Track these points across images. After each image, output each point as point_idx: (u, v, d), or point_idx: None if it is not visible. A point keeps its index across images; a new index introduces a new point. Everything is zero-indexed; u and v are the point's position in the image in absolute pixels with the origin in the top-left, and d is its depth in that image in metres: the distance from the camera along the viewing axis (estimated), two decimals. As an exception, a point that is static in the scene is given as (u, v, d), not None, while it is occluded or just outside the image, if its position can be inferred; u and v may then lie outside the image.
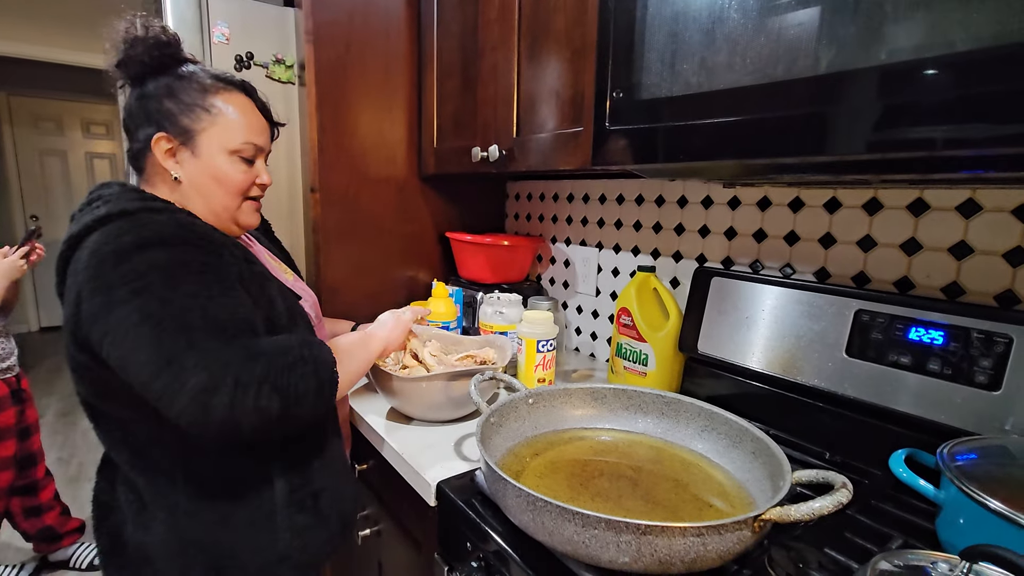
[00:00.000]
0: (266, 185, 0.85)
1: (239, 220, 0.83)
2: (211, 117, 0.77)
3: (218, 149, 0.77)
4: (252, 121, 0.80)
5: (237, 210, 0.82)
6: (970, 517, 0.55)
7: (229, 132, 0.78)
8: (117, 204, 0.70)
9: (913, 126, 0.48)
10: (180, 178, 0.77)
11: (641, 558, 0.51)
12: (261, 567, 0.73)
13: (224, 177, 0.78)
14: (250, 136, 0.79)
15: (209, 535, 0.72)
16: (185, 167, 0.77)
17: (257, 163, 0.82)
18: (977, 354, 0.69)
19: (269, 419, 0.64)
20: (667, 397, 0.83)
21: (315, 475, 0.78)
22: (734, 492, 0.69)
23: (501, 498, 0.61)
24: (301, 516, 0.76)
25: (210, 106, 0.77)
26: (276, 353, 0.67)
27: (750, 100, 0.60)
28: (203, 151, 0.77)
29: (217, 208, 0.80)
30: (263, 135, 0.83)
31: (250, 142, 0.79)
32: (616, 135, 0.78)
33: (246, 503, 0.73)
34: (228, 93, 0.79)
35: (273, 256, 0.97)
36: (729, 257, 1.08)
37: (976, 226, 0.76)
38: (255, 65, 1.34)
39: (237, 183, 0.80)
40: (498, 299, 1.22)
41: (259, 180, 0.83)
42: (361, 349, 0.83)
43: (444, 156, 1.35)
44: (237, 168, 0.79)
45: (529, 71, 1.05)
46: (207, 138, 0.77)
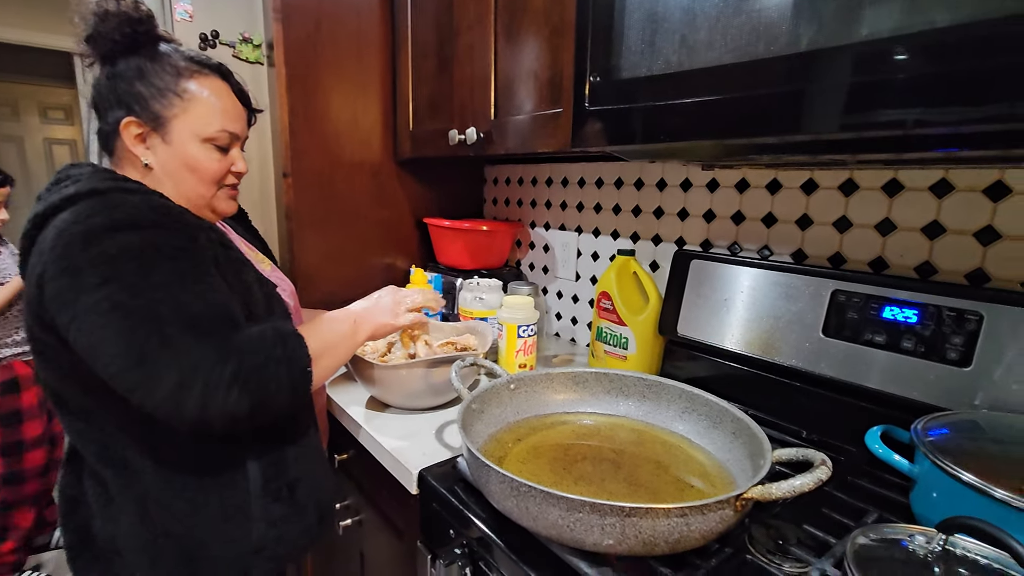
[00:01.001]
0: (242, 173, 0.81)
1: (215, 208, 0.80)
2: (184, 103, 0.73)
3: (191, 136, 0.74)
4: (227, 107, 0.77)
5: (212, 198, 0.79)
6: (944, 490, 0.56)
7: (203, 119, 0.74)
8: (87, 183, 0.66)
9: (890, 104, 0.48)
10: (151, 164, 0.74)
11: (625, 540, 0.51)
12: (235, 558, 0.72)
13: (197, 165, 0.75)
14: (225, 123, 0.76)
15: (180, 526, 0.70)
16: (156, 153, 0.74)
17: (233, 151, 0.79)
18: (949, 331, 0.71)
19: (239, 418, 0.64)
20: (648, 380, 0.83)
21: (290, 465, 0.76)
22: (715, 472, 0.70)
23: (484, 484, 0.61)
24: (277, 506, 0.74)
25: (183, 91, 0.73)
26: (249, 351, 0.65)
27: (730, 79, 0.60)
28: (175, 138, 0.74)
29: (190, 195, 0.76)
30: (239, 122, 0.79)
31: (225, 130, 0.76)
32: (595, 116, 0.76)
33: (218, 493, 0.71)
34: (203, 77, 0.75)
35: (250, 245, 0.94)
36: (708, 240, 1.08)
37: (948, 206, 0.77)
38: (221, 44, 1.28)
39: (211, 172, 0.76)
40: (478, 285, 1.20)
41: (235, 168, 0.80)
42: (346, 340, 0.78)
43: (420, 139, 1.32)
44: (211, 156, 0.76)
45: (507, 51, 1.03)
46: (179, 125, 0.73)
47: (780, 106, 0.56)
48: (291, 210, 1.31)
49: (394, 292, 0.87)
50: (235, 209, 0.84)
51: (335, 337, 0.77)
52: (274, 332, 0.69)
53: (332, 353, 0.76)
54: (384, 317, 0.83)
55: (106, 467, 0.71)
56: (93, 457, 0.71)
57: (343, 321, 0.79)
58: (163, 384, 0.60)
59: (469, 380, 0.96)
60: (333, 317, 0.79)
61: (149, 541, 0.70)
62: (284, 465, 0.76)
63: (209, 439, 0.70)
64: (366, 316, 0.81)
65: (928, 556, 0.44)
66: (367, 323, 0.81)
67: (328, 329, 0.77)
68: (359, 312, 0.82)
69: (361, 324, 0.80)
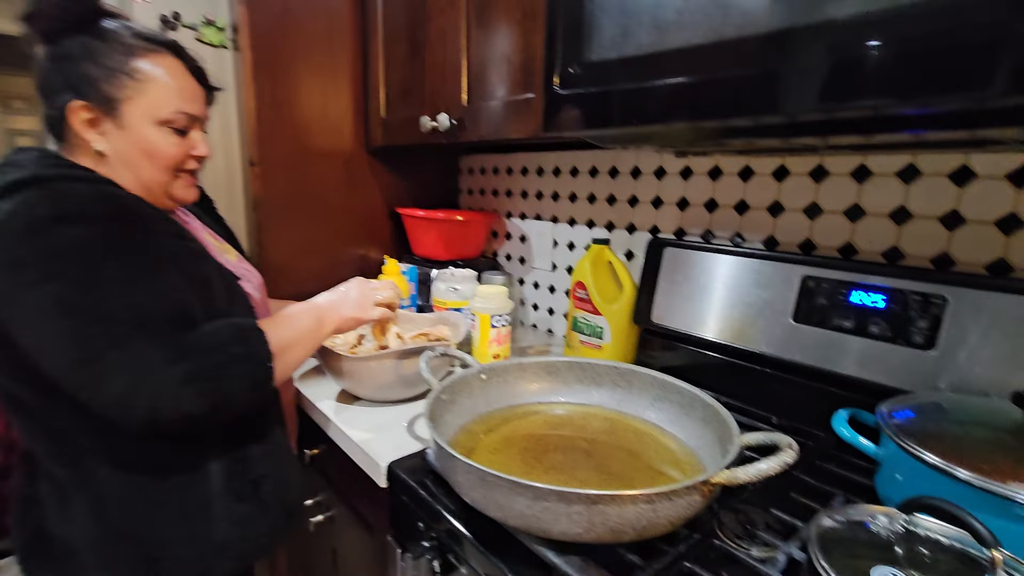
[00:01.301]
0: (203, 157, 0.78)
1: (173, 195, 0.76)
2: (136, 84, 0.69)
3: (146, 120, 0.70)
4: (184, 87, 0.73)
5: (170, 184, 0.75)
6: (907, 471, 0.57)
7: (157, 101, 0.70)
8: (31, 170, 0.62)
9: (860, 83, 0.48)
10: (104, 151, 0.70)
11: (593, 528, 0.50)
12: (196, 558, 0.69)
13: (154, 150, 0.71)
14: (182, 104, 0.72)
15: (138, 526, 0.67)
16: (110, 139, 0.70)
17: (192, 133, 0.75)
18: (915, 315, 0.71)
19: (196, 418, 0.62)
20: (621, 368, 0.83)
21: (254, 463, 0.74)
22: (686, 459, 0.69)
23: (451, 475, 0.59)
24: (241, 505, 0.72)
25: (134, 71, 0.69)
26: (205, 351, 0.63)
27: (701, 60, 0.59)
28: (129, 122, 0.70)
29: (148, 182, 0.73)
30: (197, 102, 0.75)
31: (182, 111, 0.72)
32: (567, 101, 0.75)
33: (178, 492, 0.69)
34: (155, 55, 0.71)
35: (215, 235, 0.91)
36: (681, 228, 1.08)
37: (915, 191, 0.77)
38: (183, 27, 1.23)
39: (169, 156, 0.73)
40: (452, 275, 1.19)
41: (195, 152, 0.76)
42: (311, 334, 0.76)
43: (392, 127, 1.29)
44: (168, 140, 0.72)
45: (478, 35, 1.01)
46: (132, 107, 0.69)
47: (751, 87, 0.55)
48: (259, 200, 1.27)
49: (362, 285, 0.84)
50: (195, 196, 0.80)
51: (299, 332, 0.74)
52: (232, 328, 0.67)
53: (296, 348, 0.73)
54: (351, 311, 0.80)
55: (60, 466, 0.68)
56: (46, 456, 0.68)
57: (307, 315, 0.77)
58: (111, 387, 0.58)
59: (441, 371, 0.95)
60: (297, 311, 0.77)
61: (106, 541, 0.67)
62: (248, 463, 0.74)
63: (167, 438, 0.68)
64: (332, 310, 0.79)
65: (890, 536, 0.44)
66: (333, 317, 0.78)
67: (292, 324, 0.74)
68: (324, 305, 0.79)
69: (326, 318, 0.78)
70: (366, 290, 0.83)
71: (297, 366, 0.75)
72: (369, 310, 0.82)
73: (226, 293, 0.74)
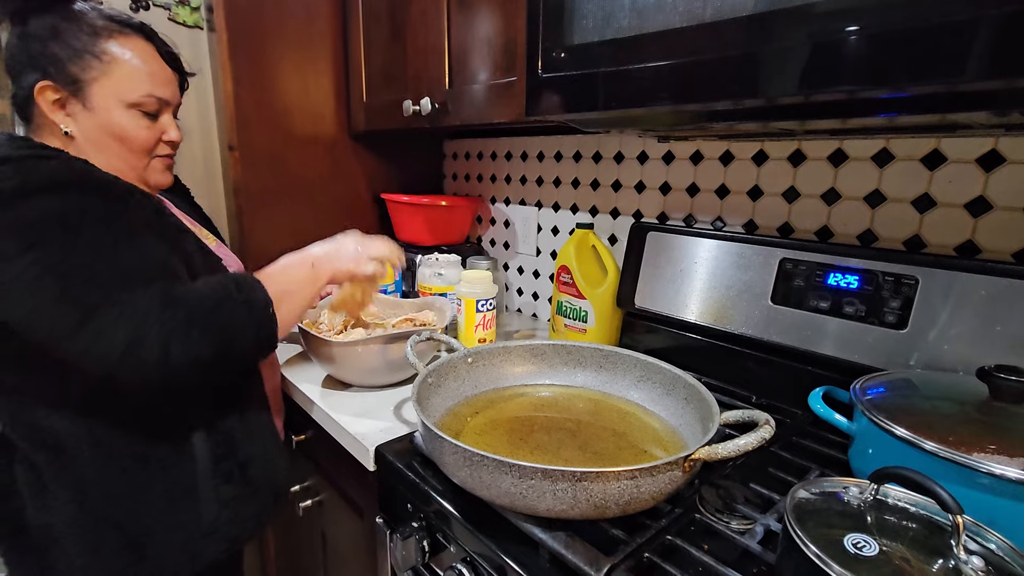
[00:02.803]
0: (175, 142, 0.77)
1: (147, 180, 0.76)
2: (103, 65, 0.68)
3: (114, 102, 0.69)
4: (154, 70, 0.72)
5: (144, 169, 0.74)
6: (878, 445, 0.59)
7: (126, 83, 0.69)
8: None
9: (838, 65, 0.49)
10: (72, 133, 0.69)
11: (577, 504, 0.51)
12: (183, 542, 0.70)
13: (124, 134, 0.70)
14: (152, 88, 0.71)
15: (122, 511, 0.67)
16: (78, 121, 0.69)
17: (163, 117, 0.74)
18: (887, 296, 0.74)
19: (206, 364, 0.61)
20: (605, 350, 0.84)
21: (241, 444, 0.74)
22: (668, 438, 0.71)
23: (438, 456, 0.60)
24: (228, 487, 0.72)
25: (101, 52, 0.68)
26: (200, 296, 0.62)
27: (683, 42, 0.59)
28: (97, 104, 0.69)
29: (119, 167, 0.71)
30: (168, 86, 0.74)
31: (152, 95, 0.71)
32: (549, 83, 0.75)
33: (163, 476, 0.69)
34: (123, 37, 0.70)
35: (193, 222, 0.89)
36: (664, 212, 1.09)
37: (889, 175, 0.79)
38: (155, 6, 1.20)
39: (139, 141, 0.72)
40: (436, 260, 1.19)
41: (166, 137, 0.75)
42: (306, 285, 0.73)
43: (374, 111, 1.27)
44: (139, 124, 0.71)
45: (460, 17, 1.00)
46: (100, 89, 0.69)
47: (731, 70, 0.56)
48: (239, 186, 1.25)
49: (358, 237, 0.80)
50: (170, 181, 0.79)
51: (294, 282, 0.72)
52: (225, 278, 0.66)
53: (292, 298, 0.71)
54: (345, 263, 0.76)
55: (39, 451, 0.67)
56: (25, 442, 0.67)
57: (301, 264, 0.74)
58: (115, 341, 0.57)
59: (427, 356, 0.95)
60: (291, 261, 0.74)
61: (89, 528, 0.67)
62: (233, 445, 0.74)
63: (148, 420, 0.67)
64: (325, 259, 0.75)
65: (861, 505, 0.46)
66: (327, 266, 0.75)
67: (286, 274, 0.72)
68: (318, 256, 0.75)
69: (320, 268, 0.74)
70: (363, 241, 0.79)
71: (296, 318, 0.73)
72: (363, 264, 0.78)
73: (206, 268, 0.73)
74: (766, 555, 0.52)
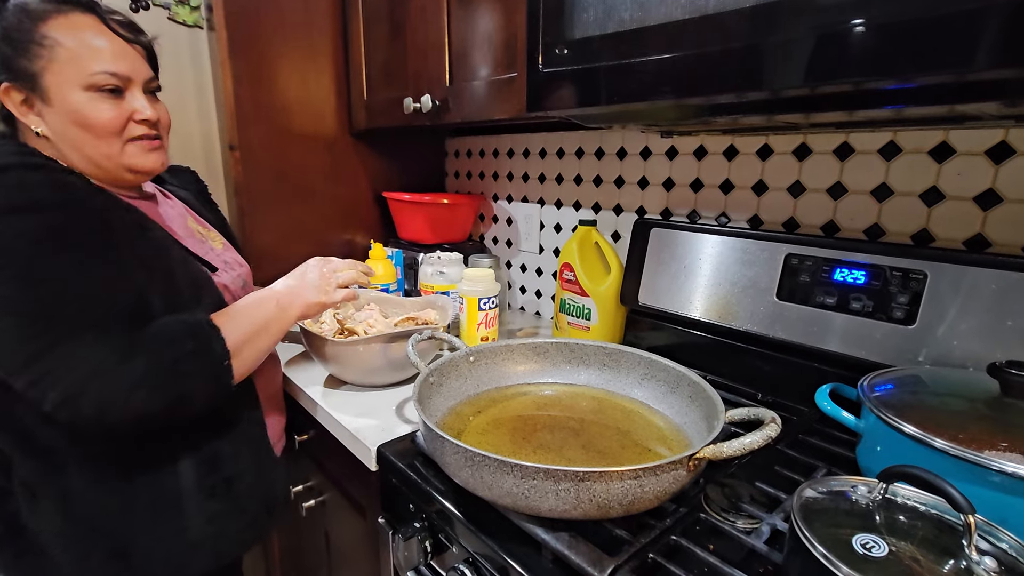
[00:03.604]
0: (150, 120, 0.71)
1: (130, 165, 0.71)
2: (47, 51, 0.64)
3: (67, 88, 0.65)
4: (102, 45, 0.66)
5: (121, 155, 0.70)
6: (887, 442, 0.58)
7: (74, 64, 0.65)
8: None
9: (843, 56, 0.48)
10: (42, 132, 0.67)
11: (580, 504, 0.51)
12: (169, 555, 0.69)
13: (84, 119, 0.66)
14: (103, 64, 0.66)
15: (109, 522, 0.67)
16: (45, 119, 0.66)
17: (128, 95, 0.69)
18: (895, 291, 0.72)
19: (152, 417, 0.61)
20: (608, 348, 0.83)
21: (226, 461, 0.73)
22: (673, 436, 0.70)
23: (440, 456, 0.60)
24: (214, 503, 0.72)
25: (43, 38, 0.64)
26: (158, 346, 0.61)
27: (685, 35, 0.58)
28: (53, 95, 0.65)
29: (95, 157, 0.68)
30: (124, 60, 0.68)
31: (105, 71, 0.66)
32: (550, 79, 0.74)
33: (148, 489, 0.68)
34: (62, 16, 0.65)
35: (201, 221, 0.88)
36: (668, 208, 1.08)
37: (896, 168, 0.78)
38: (154, 5, 1.20)
39: (103, 123, 0.67)
40: (438, 258, 1.18)
41: (137, 116, 0.69)
42: (273, 323, 0.71)
43: (375, 109, 1.27)
44: (98, 106, 0.66)
45: (459, 12, 0.99)
46: (52, 78, 0.65)
47: (735, 63, 0.55)
48: (240, 185, 1.25)
49: (321, 265, 0.77)
50: (157, 165, 0.74)
51: (259, 322, 0.70)
52: (184, 325, 0.64)
53: (257, 341, 0.69)
54: (312, 295, 0.74)
55: (27, 459, 0.67)
56: (16, 448, 0.67)
57: (266, 302, 0.71)
58: (57, 386, 0.56)
59: (429, 354, 0.95)
60: (255, 301, 0.71)
61: (77, 537, 0.67)
62: (218, 462, 0.73)
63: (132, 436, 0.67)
64: (293, 295, 0.73)
65: (869, 505, 0.45)
66: (295, 304, 0.73)
67: (251, 315, 0.70)
68: (283, 292, 0.73)
69: (288, 305, 0.72)
70: (327, 271, 0.76)
71: (261, 358, 0.72)
72: (332, 293, 0.77)
73: (191, 286, 0.71)
74: (772, 555, 0.51)
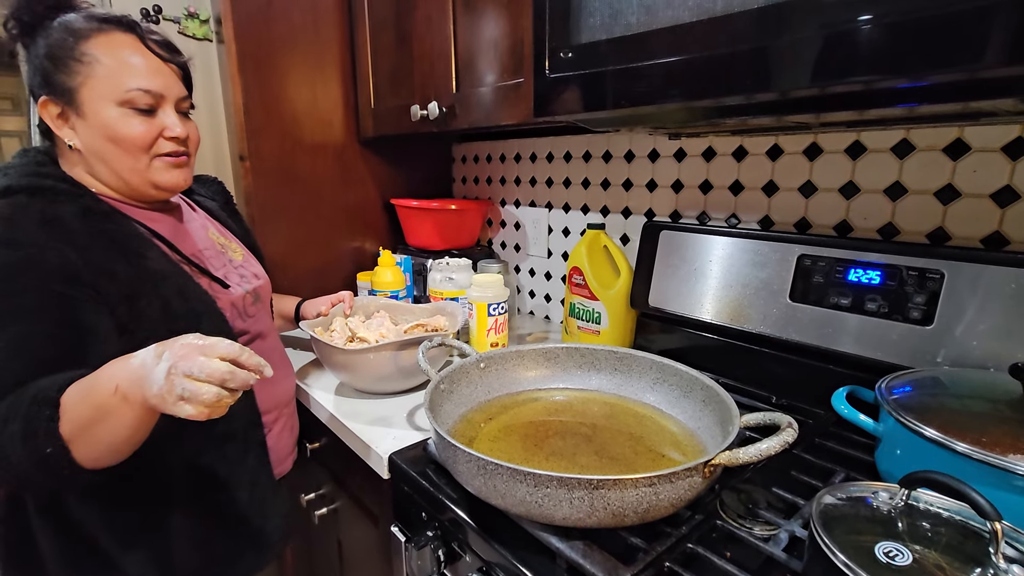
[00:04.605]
0: (179, 138, 0.72)
1: (156, 182, 0.72)
2: (85, 68, 0.66)
3: (102, 103, 0.67)
4: (137, 63, 0.68)
5: (148, 170, 0.71)
6: (907, 446, 0.57)
7: (110, 80, 0.67)
8: (10, 179, 0.64)
9: (853, 55, 0.47)
10: (75, 146, 0.68)
11: (595, 513, 0.50)
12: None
13: (116, 134, 0.68)
14: (138, 80, 0.68)
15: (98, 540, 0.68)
16: (79, 132, 0.68)
17: (161, 112, 0.70)
18: (911, 291, 0.71)
19: None
20: (619, 352, 0.82)
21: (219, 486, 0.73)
22: (686, 441, 0.69)
23: (452, 464, 0.59)
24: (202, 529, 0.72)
25: (82, 55, 0.66)
26: None
27: (693, 37, 0.58)
28: (88, 109, 0.67)
29: (122, 171, 0.70)
30: (158, 77, 0.70)
31: (139, 88, 0.68)
32: (557, 84, 0.74)
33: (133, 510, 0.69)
34: (102, 35, 0.67)
35: (224, 232, 0.89)
36: (677, 210, 1.07)
37: (909, 166, 0.77)
38: (164, 20, 1.21)
39: (134, 139, 0.68)
40: (447, 265, 1.18)
41: (167, 133, 0.71)
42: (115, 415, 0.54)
43: (382, 117, 1.27)
44: (130, 122, 0.68)
45: (465, 20, 0.99)
46: (88, 93, 0.67)
47: (743, 64, 0.55)
48: (250, 195, 1.26)
49: (179, 356, 0.51)
50: (182, 182, 0.75)
51: (97, 409, 0.55)
52: (30, 402, 0.55)
53: (96, 430, 0.55)
54: (152, 392, 0.51)
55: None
56: None
57: (102, 390, 0.54)
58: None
59: (440, 362, 0.94)
60: (92, 385, 0.55)
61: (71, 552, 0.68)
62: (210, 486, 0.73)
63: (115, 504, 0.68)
64: (134, 387, 0.53)
65: (891, 511, 0.44)
66: (135, 395, 0.53)
67: (88, 400, 0.55)
68: (123, 380, 0.54)
69: (129, 395, 0.53)
70: (175, 372, 0.50)
71: (119, 447, 0.57)
72: (169, 403, 0.51)
73: (189, 315, 0.70)
74: (792, 563, 0.50)
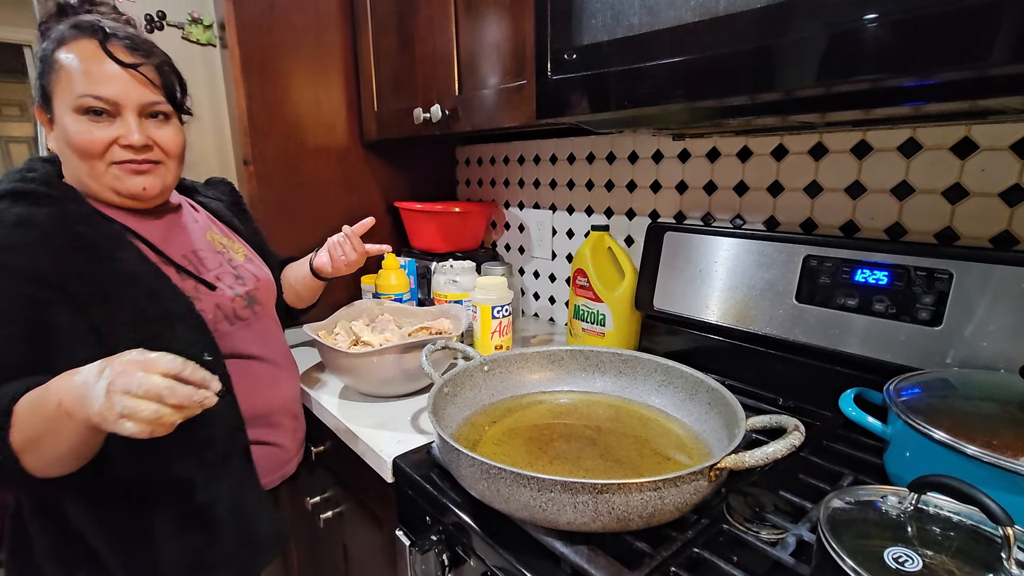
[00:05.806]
0: (134, 146, 0.69)
1: (116, 188, 0.71)
2: (56, 74, 0.68)
3: (63, 110, 0.68)
4: (94, 70, 0.67)
5: (105, 176, 0.70)
6: (916, 449, 0.56)
7: (68, 87, 0.67)
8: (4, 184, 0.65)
9: (858, 54, 0.46)
10: (52, 149, 0.70)
11: (599, 517, 0.50)
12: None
13: (71, 141, 0.68)
14: (90, 87, 0.67)
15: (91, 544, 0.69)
16: (55, 137, 0.70)
17: (120, 120, 0.69)
18: (920, 291, 0.70)
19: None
20: (624, 355, 0.82)
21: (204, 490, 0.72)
22: (692, 444, 0.69)
23: (456, 468, 0.59)
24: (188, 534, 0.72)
25: (54, 62, 0.68)
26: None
27: (695, 38, 0.57)
28: (56, 115, 0.69)
29: (81, 176, 0.70)
30: (114, 84, 0.67)
31: (90, 94, 0.67)
32: (559, 86, 0.74)
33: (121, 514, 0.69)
34: (73, 42, 0.68)
35: (228, 232, 0.90)
36: (681, 211, 1.06)
37: (916, 166, 0.76)
38: (169, 26, 1.22)
39: (84, 146, 0.67)
40: (451, 267, 1.18)
41: (122, 141, 0.68)
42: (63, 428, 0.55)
43: (385, 120, 1.28)
44: (81, 128, 0.67)
45: (467, 22, 0.99)
46: (56, 100, 0.68)
47: (747, 64, 0.54)
48: (254, 199, 1.26)
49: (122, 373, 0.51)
50: (148, 189, 0.72)
51: (45, 423, 0.55)
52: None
53: (45, 443, 0.56)
54: (93, 409, 0.51)
55: None
56: None
57: (50, 403, 0.55)
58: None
59: (444, 365, 0.94)
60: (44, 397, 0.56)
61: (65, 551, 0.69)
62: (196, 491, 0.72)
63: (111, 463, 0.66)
64: (76, 403, 0.53)
65: (900, 515, 0.44)
66: (78, 411, 0.53)
67: (36, 415, 0.56)
68: (66, 397, 0.54)
69: (72, 410, 0.53)
70: (114, 389, 0.51)
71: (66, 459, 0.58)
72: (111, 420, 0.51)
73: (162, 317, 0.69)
74: (800, 568, 0.50)
